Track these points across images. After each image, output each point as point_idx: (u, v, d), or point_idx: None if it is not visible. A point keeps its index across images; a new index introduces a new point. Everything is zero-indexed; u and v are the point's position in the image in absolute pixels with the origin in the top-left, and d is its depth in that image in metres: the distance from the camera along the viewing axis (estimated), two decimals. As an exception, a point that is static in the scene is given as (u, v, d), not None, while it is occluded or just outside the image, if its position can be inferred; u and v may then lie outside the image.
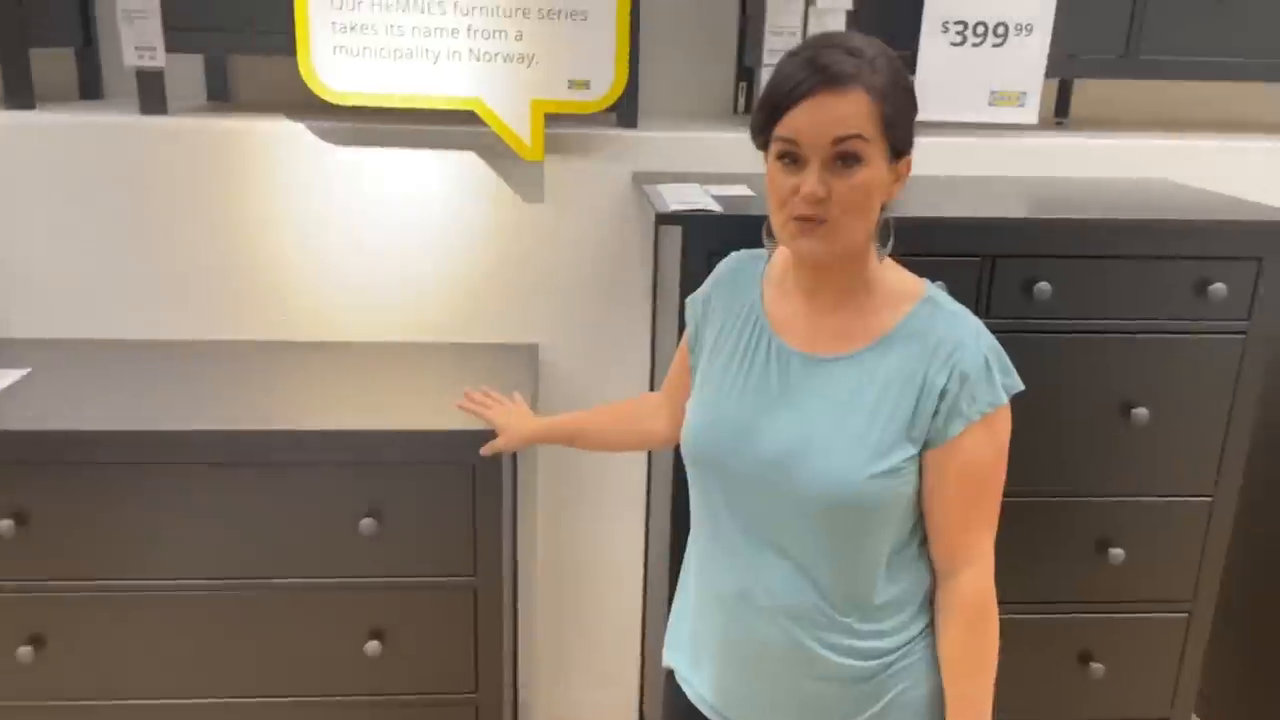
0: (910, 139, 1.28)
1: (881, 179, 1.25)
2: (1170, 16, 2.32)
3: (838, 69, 1.20)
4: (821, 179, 1.22)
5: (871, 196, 1.25)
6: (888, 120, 1.22)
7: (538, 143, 2.14)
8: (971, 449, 1.27)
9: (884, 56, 1.24)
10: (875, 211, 1.27)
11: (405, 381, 2.09)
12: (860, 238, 1.28)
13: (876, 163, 1.23)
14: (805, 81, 1.21)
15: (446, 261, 2.29)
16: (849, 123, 1.20)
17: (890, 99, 1.22)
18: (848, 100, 1.20)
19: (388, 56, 2.08)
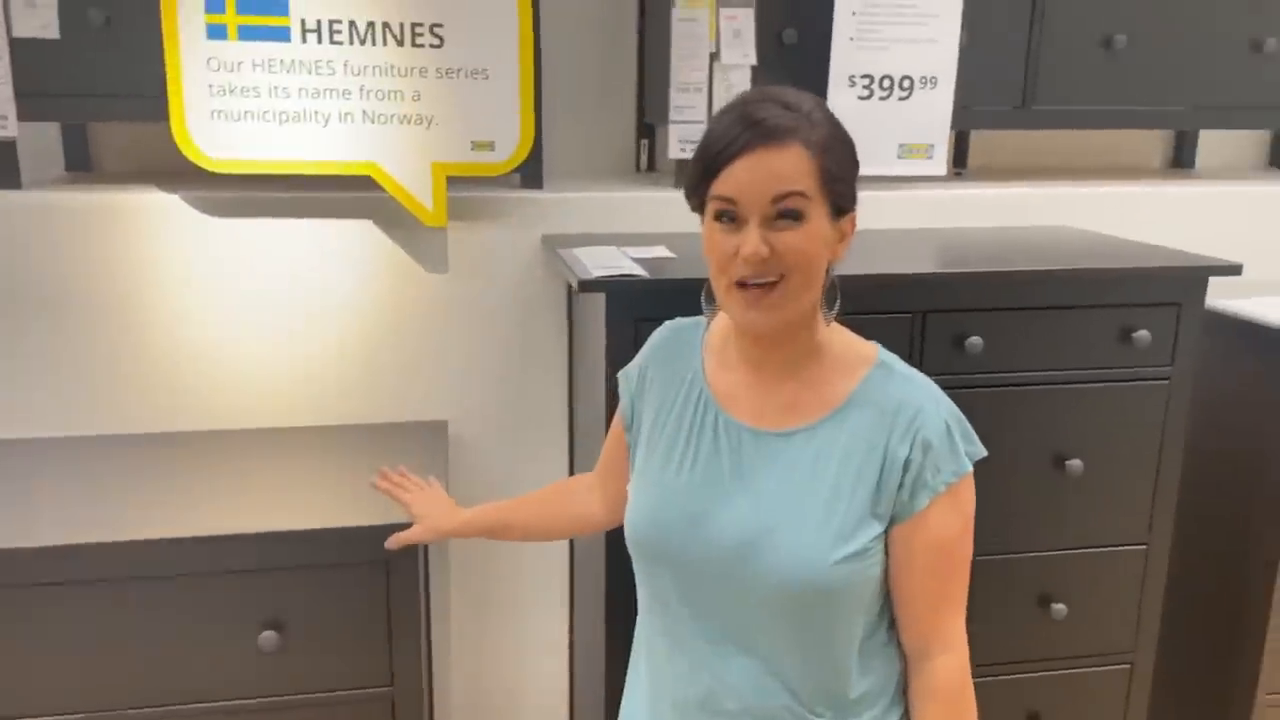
0: (853, 195, 1.21)
1: (825, 238, 1.18)
2: (1062, 68, 2.36)
3: (774, 123, 1.13)
4: (763, 238, 1.14)
5: (817, 257, 1.17)
6: (828, 175, 1.15)
7: (440, 208, 2.01)
8: (938, 523, 1.20)
9: (821, 110, 1.18)
10: (821, 273, 1.20)
11: (303, 472, 1.91)
12: (808, 302, 1.21)
13: (819, 221, 1.16)
14: (741, 137, 1.14)
15: (344, 337, 2.12)
16: (788, 179, 1.13)
17: (830, 154, 1.16)
18: (786, 155, 1.13)
19: (273, 120, 1.93)
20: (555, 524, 1.58)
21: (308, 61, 1.92)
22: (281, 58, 1.91)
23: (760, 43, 2.17)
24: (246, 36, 1.89)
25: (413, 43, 1.95)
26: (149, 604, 1.62)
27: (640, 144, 2.59)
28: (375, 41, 1.93)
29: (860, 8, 2.16)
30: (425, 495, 1.62)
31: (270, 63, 1.91)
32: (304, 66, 1.92)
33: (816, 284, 1.20)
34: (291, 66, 1.92)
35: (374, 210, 2.07)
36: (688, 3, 2.15)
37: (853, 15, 2.16)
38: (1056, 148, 2.81)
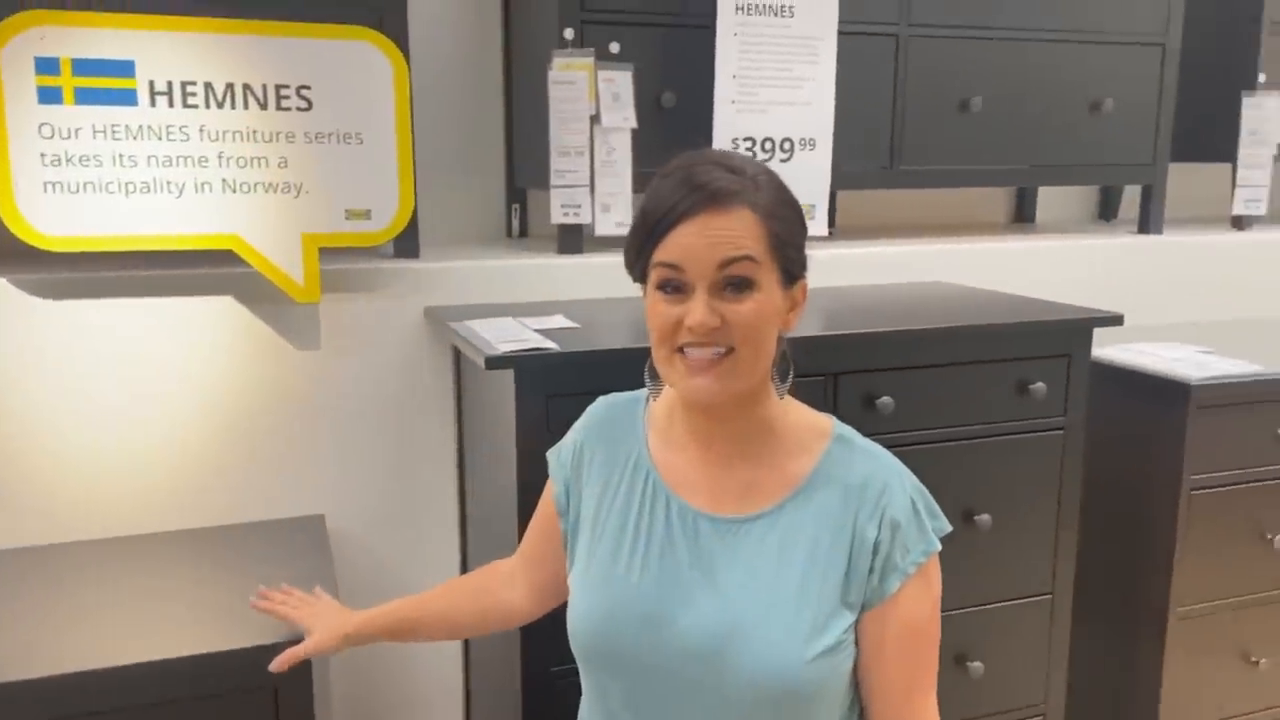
0: (803, 261, 1.15)
1: (776, 306, 1.11)
2: (924, 129, 2.42)
3: (719, 186, 1.07)
4: (711, 307, 1.07)
5: (768, 326, 1.10)
6: (777, 240, 1.09)
7: (312, 281, 1.85)
8: (909, 606, 1.13)
9: (766, 174, 1.12)
10: (773, 344, 1.13)
11: (165, 586, 1.67)
12: (759, 374, 1.13)
13: (770, 288, 1.10)
14: (685, 200, 1.07)
15: (205, 427, 1.90)
16: (737, 243, 1.06)
17: (778, 218, 1.10)
18: (733, 219, 1.07)
19: (118, 191, 1.73)
20: (471, 619, 1.42)
21: (157, 127, 1.73)
22: (127, 123, 1.72)
23: (639, 106, 2.13)
24: (85, 100, 1.69)
25: (278, 106, 1.79)
26: (-14, 762, 1.36)
27: (512, 209, 2.50)
28: (235, 105, 1.77)
29: (740, 71, 2.15)
30: (312, 608, 1.44)
31: (114, 129, 1.71)
32: (153, 132, 1.73)
33: (768, 355, 1.13)
34: (139, 133, 1.72)
35: (236, 286, 1.88)
36: (564, 65, 2.09)
37: (733, 79, 2.15)
38: (914, 206, 2.90)
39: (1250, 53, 2.76)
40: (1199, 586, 2.10)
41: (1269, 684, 2.22)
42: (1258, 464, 2.10)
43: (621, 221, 2.11)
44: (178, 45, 1.72)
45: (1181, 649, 2.11)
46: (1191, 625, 2.11)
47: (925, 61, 2.40)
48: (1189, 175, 3.01)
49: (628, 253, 1.14)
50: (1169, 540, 2.07)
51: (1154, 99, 2.62)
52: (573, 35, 2.10)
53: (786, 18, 2.17)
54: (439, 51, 2.35)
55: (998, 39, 2.45)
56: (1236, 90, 2.75)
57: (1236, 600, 2.15)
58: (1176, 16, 2.58)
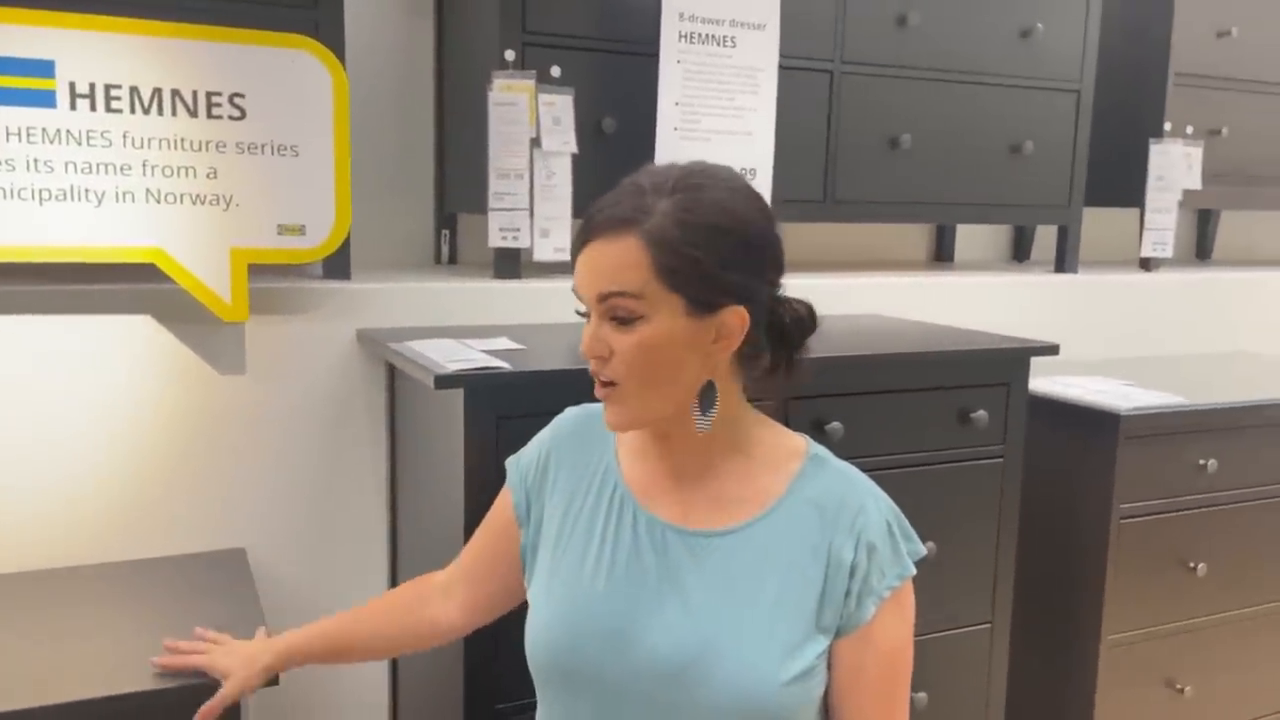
0: (724, 288, 1.05)
1: (675, 336, 1.04)
2: (856, 164, 2.45)
3: (610, 214, 1.04)
4: (597, 335, 1.05)
5: (659, 356, 1.04)
6: (665, 267, 1.02)
7: (240, 300, 1.75)
8: (885, 632, 1.11)
9: (694, 190, 1.05)
10: (679, 374, 1.06)
11: (74, 624, 1.54)
12: (659, 407, 1.08)
13: (662, 319, 1.03)
14: (584, 227, 1.06)
15: (117, 455, 1.77)
16: (612, 276, 1.03)
17: (675, 247, 1.02)
18: (613, 247, 1.03)
19: (31, 198, 1.61)
20: (402, 636, 1.34)
21: (78, 132, 1.63)
22: (44, 126, 1.61)
23: (580, 131, 2.10)
24: (1, 101, 1.58)
25: (209, 114, 1.70)
26: None
27: (441, 235, 2.44)
28: (163, 111, 1.67)
29: (682, 98, 2.15)
30: (226, 648, 1.34)
31: (29, 131, 1.60)
32: (72, 137, 1.63)
33: (664, 388, 1.06)
34: (56, 137, 1.62)
35: (158, 304, 1.76)
36: (505, 86, 2.05)
37: (675, 105, 2.14)
38: (841, 241, 2.93)
39: (1157, 102, 2.89)
40: (1128, 614, 2.14)
41: (1194, 712, 2.26)
42: (1182, 493, 2.16)
43: (560, 247, 2.07)
44: (103, 46, 1.63)
45: (1112, 677, 2.14)
46: (1121, 653, 2.14)
47: (858, 98, 2.44)
48: (1101, 218, 3.13)
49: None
50: (1100, 568, 2.10)
51: (1070, 143, 2.72)
52: (514, 56, 2.06)
53: (729, 48, 2.18)
54: (368, 70, 2.28)
55: (926, 79, 2.51)
56: (1145, 138, 2.88)
57: (1162, 628, 2.19)
58: (1090, 64, 2.69)
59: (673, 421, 1.10)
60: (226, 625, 1.42)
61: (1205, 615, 2.23)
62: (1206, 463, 2.16)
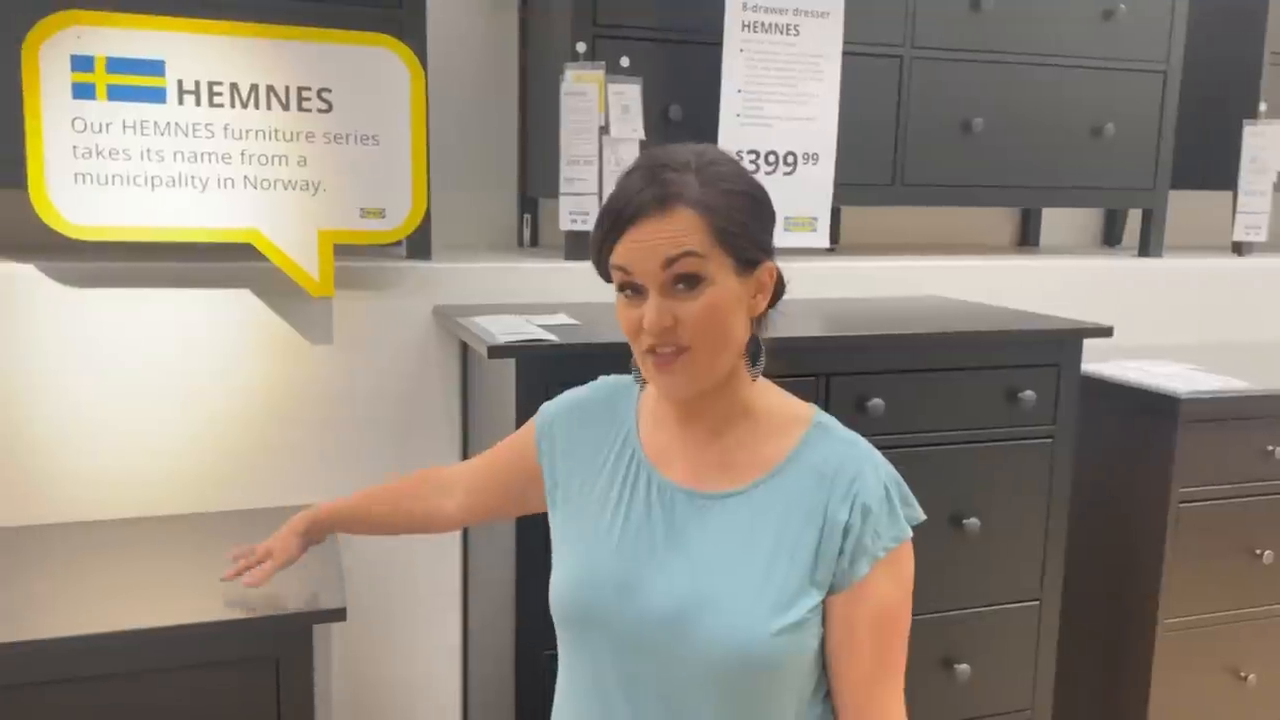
0: (760, 245, 1.15)
1: (733, 295, 1.13)
2: (926, 148, 2.49)
3: (649, 194, 1.11)
4: (664, 307, 1.11)
5: (725, 317, 1.13)
6: (721, 231, 1.11)
7: (327, 277, 1.92)
8: (879, 591, 1.16)
9: (713, 165, 1.14)
10: (736, 331, 1.15)
11: (184, 563, 1.74)
12: (722, 365, 1.16)
13: (723, 280, 1.12)
14: (628, 207, 1.12)
15: (221, 417, 1.97)
16: (678, 241, 1.10)
17: (720, 209, 1.11)
18: (673, 220, 1.10)
19: (144, 185, 1.81)
20: (408, 518, 1.50)
21: (185, 124, 1.82)
22: (156, 119, 1.80)
23: (648, 119, 2.20)
24: (117, 97, 1.78)
25: (299, 107, 1.87)
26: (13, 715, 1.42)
27: (524, 219, 2.58)
28: (259, 105, 1.85)
29: (745, 86, 2.22)
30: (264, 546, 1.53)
31: (143, 124, 1.80)
32: (180, 129, 1.82)
33: (729, 346, 1.15)
34: (166, 129, 1.81)
35: (254, 280, 1.95)
36: (577, 77, 2.17)
37: (738, 93, 2.22)
38: (918, 226, 2.95)
39: (1252, 82, 2.82)
40: (1187, 600, 2.13)
41: (1258, 700, 2.24)
42: (1247, 479, 2.13)
43: (627, 229, 2.18)
44: (206, 47, 1.81)
45: (1170, 661, 2.13)
46: (1180, 638, 2.14)
47: (928, 82, 2.47)
48: (1192, 202, 3.06)
49: (591, 255, 1.18)
50: (1157, 553, 2.10)
51: (1155, 125, 2.67)
52: (585, 49, 2.18)
53: (792, 36, 2.24)
54: (458, 64, 2.44)
55: (999, 62, 2.52)
56: (1238, 119, 2.80)
57: (1226, 615, 2.17)
58: (1178, 45, 2.64)
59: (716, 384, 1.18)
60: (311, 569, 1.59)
61: (1272, 603, 2.20)
62: (1275, 449, 2.12)
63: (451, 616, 2.19)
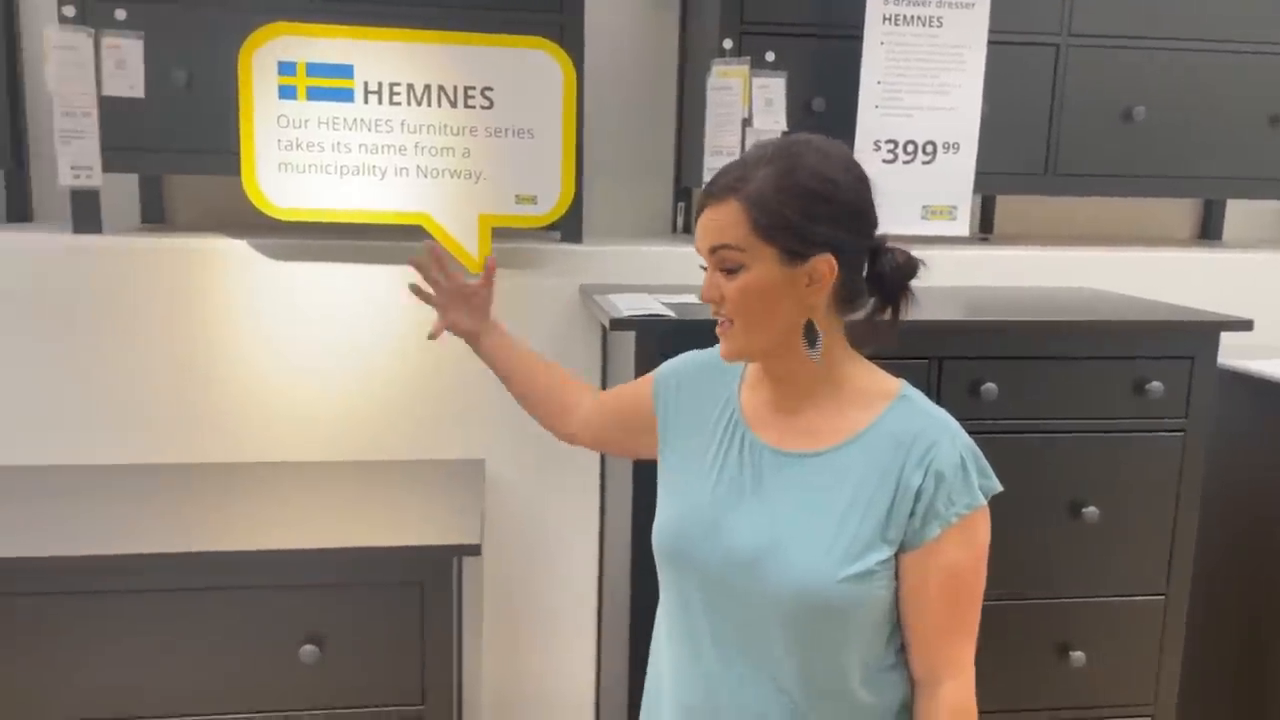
0: (811, 239, 1.23)
1: (773, 282, 1.23)
2: (1082, 137, 2.47)
3: (716, 183, 1.25)
4: (712, 283, 1.26)
5: (760, 299, 1.24)
6: (761, 224, 1.22)
7: (485, 256, 2.14)
8: (950, 553, 1.24)
9: (796, 158, 1.24)
10: (778, 315, 1.26)
11: (351, 500, 2.02)
12: (764, 341, 1.28)
13: (760, 267, 1.23)
14: (701, 194, 1.27)
15: (392, 377, 2.25)
16: (719, 233, 1.24)
17: (768, 206, 1.22)
18: (720, 212, 1.24)
19: (335, 173, 2.09)
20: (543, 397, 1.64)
21: (369, 120, 2.08)
22: (345, 116, 2.07)
23: (790, 110, 2.31)
24: (314, 97, 2.06)
25: (465, 104, 2.10)
26: (203, 614, 1.73)
27: (677, 206, 2.73)
28: (431, 103, 2.09)
29: (885, 77, 2.29)
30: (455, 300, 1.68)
31: (335, 121, 2.07)
32: (365, 125, 2.08)
33: (769, 326, 1.26)
34: (354, 125, 2.08)
35: (424, 258, 2.21)
36: (722, 72, 2.30)
37: (878, 84, 2.29)
38: (1084, 218, 2.90)
39: None
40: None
41: None
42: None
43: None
44: (388, 52, 2.07)
45: (1314, 671, 2.05)
46: (1327, 646, 2.05)
47: (1085, 70, 2.44)
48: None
49: None
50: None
51: (1342, 111, 2.53)
52: (731, 45, 2.31)
53: (935, 28, 2.28)
54: (621, 62, 2.63)
55: (1164, 49, 2.45)
56: None
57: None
58: (1370, 25, 2.49)
59: (779, 357, 1.31)
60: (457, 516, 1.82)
61: None
62: None
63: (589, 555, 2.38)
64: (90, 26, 2.09)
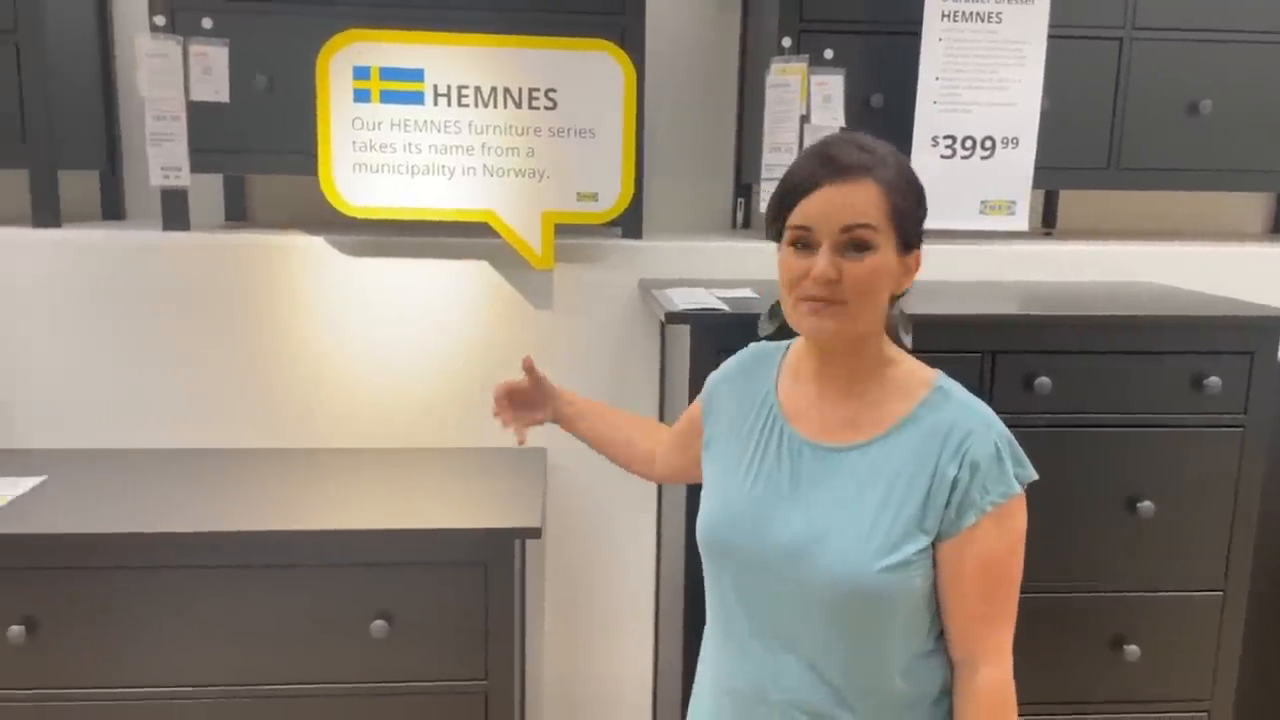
0: (919, 234, 1.31)
1: (890, 268, 1.28)
2: (1147, 130, 2.45)
3: (849, 161, 1.26)
4: (833, 261, 1.25)
5: (880, 282, 1.27)
6: (896, 211, 1.26)
7: (548, 251, 2.22)
8: (985, 541, 1.27)
9: (894, 156, 1.29)
10: (884, 298, 1.30)
11: (419, 485, 2.11)
12: (868, 322, 1.30)
13: (886, 251, 1.27)
14: (818, 173, 1.26)
15: (460, 368, 2.34)
16: (859, 211, 1.25)
17: (899, 192, 1.27)
18: (858, 190, 1.25)
19: (405, 173, 2.18)
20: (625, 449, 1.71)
21: (438, 122, 2.17)
22: (416, 118, 2.17)
23: (849, 106, 2.34)
24: (387, 100, 2.15)
25: (529, 105, 2.18)
26: (282, 589, 1.83)
27: (737, 202, 2.78)
28: (497, 104, 2.17)
29: (943, 73, 2.31)
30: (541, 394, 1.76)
31: (406, 123, 2.17)
32: (435, 126, 2.17)
33: (878, 307, 1.30)
34: (424, 126, 2.17)
35: (489, 253, 2.30)
36: (781, 70, 2.34)
37: (936, 80, 2.31)
38: (1150, 212, 2.87)
39: None
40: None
41: None
42: None
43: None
44: (457, 56, 2.16)
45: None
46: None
47: (1150, 63, 2.43)
48: None
49: (768, 215, 1.35)
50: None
51: None
52: (790, 43, 2.35)
53: (994, 23, 2.29)
54: (683, 62, 2.69)
55: (1232, 42, 2.43)
56: None
57: None
58: None
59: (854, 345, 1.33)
60: (517, 500, 1.90)
61: None
62: None
63: (647, 544, 2.45)
64: (179, 35, 2.21)
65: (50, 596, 1.80)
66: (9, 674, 1.81)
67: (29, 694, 1.82)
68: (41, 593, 1.80)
